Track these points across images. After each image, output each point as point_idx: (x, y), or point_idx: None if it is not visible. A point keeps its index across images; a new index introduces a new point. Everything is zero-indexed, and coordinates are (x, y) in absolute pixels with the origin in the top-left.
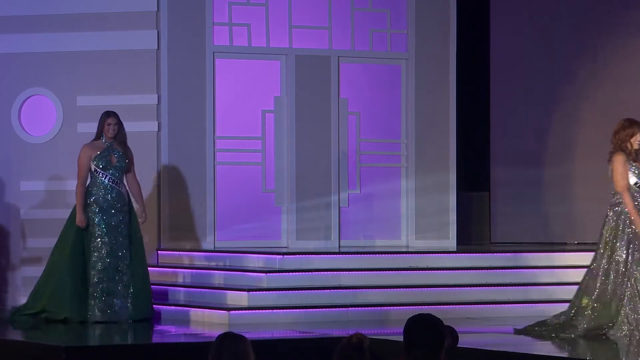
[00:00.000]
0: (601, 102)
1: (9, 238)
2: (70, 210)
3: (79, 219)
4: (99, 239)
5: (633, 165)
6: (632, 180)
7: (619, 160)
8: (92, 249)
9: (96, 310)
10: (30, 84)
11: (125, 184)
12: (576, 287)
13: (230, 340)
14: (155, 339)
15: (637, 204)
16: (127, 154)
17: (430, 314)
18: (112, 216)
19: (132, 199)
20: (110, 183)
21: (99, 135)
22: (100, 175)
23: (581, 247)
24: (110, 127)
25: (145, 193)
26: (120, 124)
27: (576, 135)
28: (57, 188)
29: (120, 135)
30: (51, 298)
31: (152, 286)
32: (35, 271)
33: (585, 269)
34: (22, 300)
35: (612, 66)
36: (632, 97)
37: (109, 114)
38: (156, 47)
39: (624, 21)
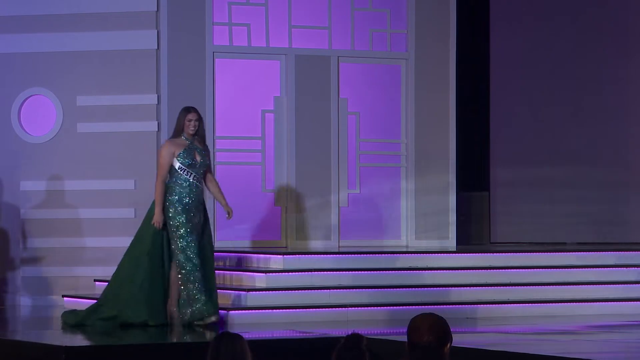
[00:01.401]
0: (601, 102)
1: (9, 238)
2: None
3: (157, 219)
4: (184, 240)
5: None
6: None
7: None
8: (178, 250)
9: (181, 313)
10: (30, 84)
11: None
12: (576, 287)
13: (227, 339)
14: (156, 339)
15: None
16: (207, 151)
17: (434, 314)
18: (195, 216)
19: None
20: (195, 181)
21: (179, 132)
22: (185, 173)
23: (581, 247)
24: (191, 123)
25: (146, 193)
26: (200, 120)
27: (576, 136)
28: (57, 188)
29: (200, 132)
30: (129, 301)
31: None
32: (35, 271)
33: (585, 269)
34: (23, 300)
35: (613, 66)
36: (632, 97)
37: (189, 110)
38: (156, 47)
39: (624, 22)
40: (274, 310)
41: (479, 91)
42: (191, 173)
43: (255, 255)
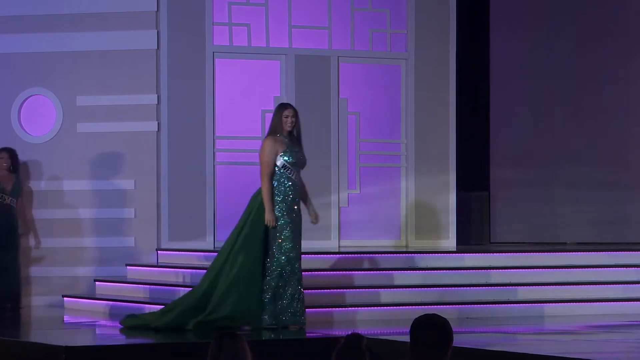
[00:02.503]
0: (601, 102)
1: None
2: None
3: (270, 218)
4: (289, 242)
5: None
6: None
7: None
8: (283, 251)
9: (283, 316)
10: (30, 84)
11: None
12: (576, 287)
13: (228, 339)
14: (156, 339)
15: None
16: (302, 149)
17: (436, 315)
18: (297, 215)
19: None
20: (297, 180)
21: (276, 129)
22: (288, 171)
23: (581, 247)
24: (287, 120)
25: (146, 193)
26: (297, 116)
27: (576, 136)
28: (57, 188)
29: (297, 129)
30: (238, 304)
31: (151, 286)
32: (35, 271)
33: (585, 269)
34: (22, 300)
35: (613, 66)
36: (632, 97)
37: (285, 106)
38: (156, 47)
39: (624, 22)
40: None
41: (479, 91)
42: (293, 171)
43: None
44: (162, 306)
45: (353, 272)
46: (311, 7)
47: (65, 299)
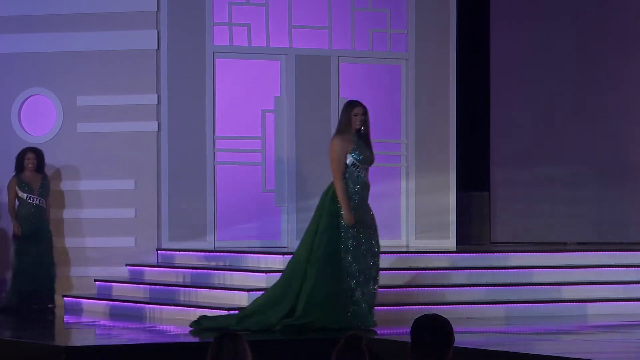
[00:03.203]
0: (601, 102)
1: (9, 238)
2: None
3: (348, 217)
4: (355, 240)
5: None
6: None
7: None
8: (348, 250)
9: (361, 318)
10: (30, 84)
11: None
12: (576, 287)
13: (228, 339)
14: (156, 339)
15: None
16: (371, 146)
17: (437, 314)
18: (366, 214)
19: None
20: (365, 178)
21: (345, 127)
22: (357, 170)
23: (581, 247)
24: (357, 118)
25: (146, 193)
26: (366, 114)
27: (576, 136)
28: (56, 188)
29: (366, 126)
30: (324, 307)
31: (151, 286)
32: None
33: (585, 269)
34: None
35: (613, 66)
36: (633, 97)
37: (355, 104)
38: (156, 47)
39: (624, 22)
40: None
41: (479, 91)
42: (362, 169)
43: (255, 255)
44: (162, 306)
45: None
46: (311, 7)
47: (65, 299)
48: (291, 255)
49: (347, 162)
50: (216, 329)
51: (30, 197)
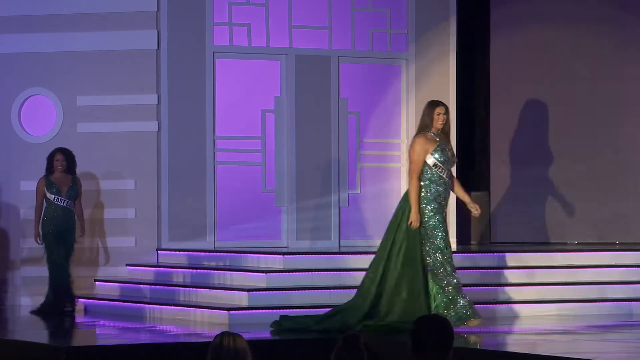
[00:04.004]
0: (601, 102)
1: (9, 238)
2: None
3: (415, 218)
4: (443, 241)
5: None
6: None
7: None
8: (435, 251)
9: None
10: (30, 84)
11: None
12: (576, 287)
13: (228, 339)
14: (156, 339)
15: None
16: (452, 146)
17: (437, 315)
18: (446, 214)
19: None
20: (447, 178)
21: (426, 126)
22: (439, 170)
23: (581, 247)
24: (439, 117)
25: (146, 193)
26: (448, 114)
27: (576, 136)
28: None
29: (447, 126)
30: (406, 308)
31: (151, 286)
32: (35, 271)
33: (585, 269)
34: (22, 300)
35: (613, 67)
36: (633, 97)
37: (437, 103)
38: (156, 47)
39: (623, 22)
40: (274, 311)
41: (479, 91)
42: (444, 170)
43: (255, 255)
44: (162, 306)
45: (353, 272)
46: (311, 7)
47: None
48: (290, 255)
49: (429, 162)
50: (295, 329)
51: (58, 198)
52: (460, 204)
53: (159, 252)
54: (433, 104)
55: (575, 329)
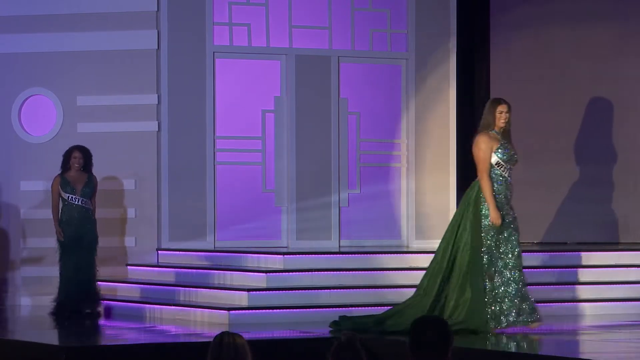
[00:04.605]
0: (601, 102)
1: (9, 238)
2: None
3: (495, 217)
4: (508, 242)
5: None
6: None
7: None
8: (503, 251)
9: (510, 316)
10: (30, 84)
11: None
12: (576, 287)
13: (228, 339)
14: (156, 339)
15: None
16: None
17: (436, 316)
18: (507, 214)
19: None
20: (509, 177)
21: (488, 124)
22: (501, 169)
23: (582, 247)
24: (502, 115)
25: (146, 193)
26: (510, 112)
27: (576, 136)
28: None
29: (508, 124)
30: (470, 309)
31: (151, 286)
32: (35, 271)
33: (585, 269)
34: (23, 300)
35: (613, 67)
36: (633, 97)
37: (499, 101)
38: (156, 47)
39: (624, 22)
40: (274, 310)
41: (479, 91)
42: (506, 169)
43: (255, 255)
44: (162, 306)
45: (353, 272)
46: (311, 7)
47: None
48: (290, 255)
49: (492, 161)
50: (355, 329)
51: (72, 197)
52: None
53: (159, 252)
54: (495, 102)
55: (575, 329)
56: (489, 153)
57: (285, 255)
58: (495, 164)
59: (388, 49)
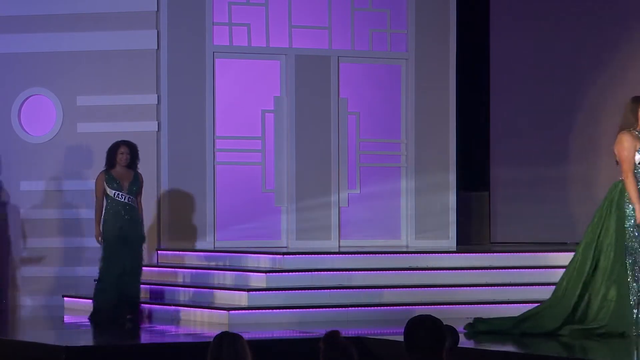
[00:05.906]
0: (601, 102)
1: (9, 238)
2: None
3: None
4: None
5: None
6: None
7: None
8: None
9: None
10: (30, 84)
11: None
12: None
13: (228, 339)
14: (156, 339)
15: None
16: None
17: (430, 315)
18: None
19: None
20: None
21: (629, 124)
22: None
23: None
24: None
25: (145, 193)
26: None
27: (576, 136)
28: (56, 188)
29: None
30: (614, 311)
31: (151, 286)
32: (35, 271)
33: None
34: (22, 300)
35: (613, 67)
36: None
37: None
38: (156, 47)
39: (624, 22)
40: (274, 310)
41: (479, 91)
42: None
43: (255, 255)
44: (162, 306)
45: (353, 272)
46: (311, 7)
47: (65, 299)
48: (290, 255)
49: (636, 161)
50: (492, 332)
51: (119, 194)
52: (460, 203)
53: (159, 252)
54: (638, 100)
55: None
56: (633, 152)
57: (285, 255)
58: (638, 163)
59: (388, 49)
